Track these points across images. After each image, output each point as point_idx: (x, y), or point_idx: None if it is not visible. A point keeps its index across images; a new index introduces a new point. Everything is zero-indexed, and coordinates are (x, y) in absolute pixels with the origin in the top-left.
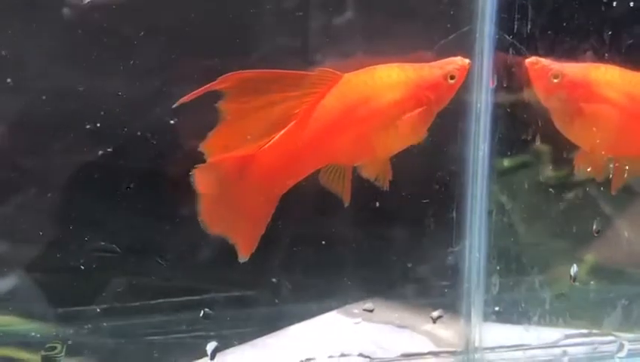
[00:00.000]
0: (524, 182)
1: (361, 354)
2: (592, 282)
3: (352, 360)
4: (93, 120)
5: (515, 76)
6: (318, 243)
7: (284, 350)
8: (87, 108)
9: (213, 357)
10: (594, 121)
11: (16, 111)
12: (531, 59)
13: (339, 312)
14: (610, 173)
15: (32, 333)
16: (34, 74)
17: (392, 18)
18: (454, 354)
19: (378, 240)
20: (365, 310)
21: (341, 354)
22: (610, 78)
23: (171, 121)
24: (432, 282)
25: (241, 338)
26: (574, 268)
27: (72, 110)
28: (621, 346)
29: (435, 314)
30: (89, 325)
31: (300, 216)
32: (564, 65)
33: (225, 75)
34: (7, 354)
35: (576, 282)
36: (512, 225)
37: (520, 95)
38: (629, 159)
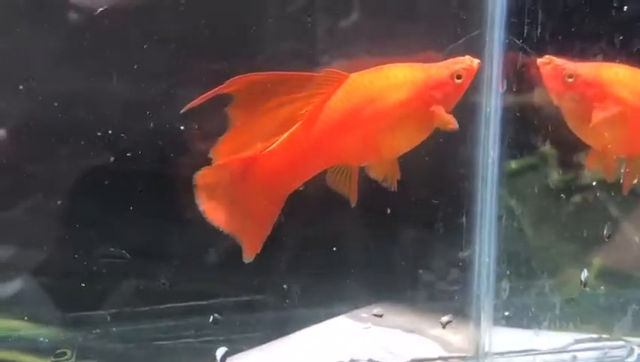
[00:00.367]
0: (532, 185)
1: (371, 360)
2: (602, 287)
3: None
4: (102, 125)
5: (525, 79)
6: (327, 248)
7: (293, 355)
8: (95, 113)
9: None
10: (607, 121)
11: (25, 116)
12: (544, 58)
13: (348, 317)
14: (621, 174)
15: (41, 338)
16: (42, 79)
17: (401, 22)
18: (464, 359)
19: (387, 244)
20: (375, 315)
21: (350, 359)
22: (623, 77)
23: (181, 127)
24: (442, 286)
25: (250, 343)
26: (585, 273)
27: (81, 115)
28: (631, 351)
29: (445, 319)
30: (98, 330)
31: (309, 221)
32: (577, 64)
33: (232, 79)
34: (16, 358)
35: (587, 287)
36: (522, 229)
37: (530, 98)
38: None
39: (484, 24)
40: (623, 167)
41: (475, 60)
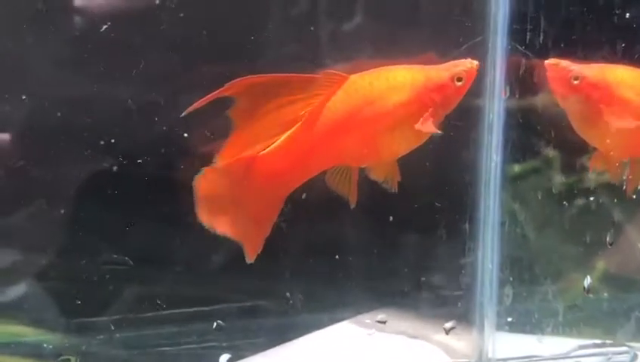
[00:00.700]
0: (535, 189)
1: None
2: (605, 294)
3: None
4: (105, 130)
5: (528, 84)
6: (330, 254)
7: (296, 361)
8: (98, 118)
9: None
10: (614, 123)
11: (28, 121)
12: (550, 60)
13: (351, 322)
14: (625, 176)
15: (45, 344)
16: (45, 84)
17: (404, 29)
18: None
19: (390, 250)
20: (378, 321)
21: None
22: (629, 79)
23: (185, 134)
24: (445, 293)
25: (253, 349)
26: (588, 280)
27: (84, 120)
28: (635, 356)
29: (448, 325)
30: (101, 336)
31: (312, 227)
32: (583, 66)
33: (232, 82)
34: None
35: (590, 293)
36: (525, 235)
37: (533, 103)
38: None
39: (486, 30)
40: (626, 171)
41: (475, 62)
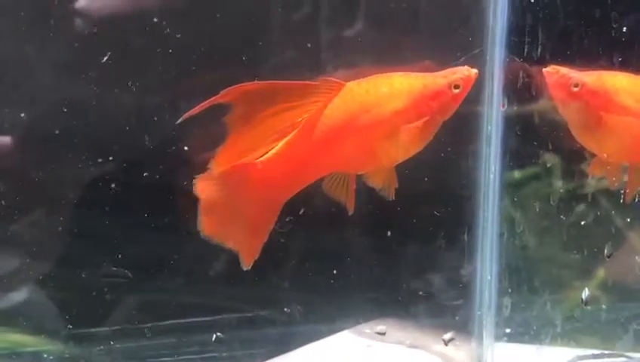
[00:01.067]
0: (534, 198)
1: None
2: (603, 305)
3: None
4: (104, 136)
5: (526, 94)
6: (329, 264)
7: None
8: (97, 124)
9: None
10: (613, 129)
11: (28, 127)
12: (549, 68)
13: (351, 332)
14: (624, 181)
15: (45, 355)
16: (43, 88)
17: (402, 41)
18: None
19: (390, 261)
20: (377, 333)
21: None
22: (628, 85)
23: (185, 143)
24: (444, 303)
25: (253, 360)
26: (586, 292)
27: (83, 126)
28: None
29: (447, 336)
30: (101, 346)
31: (312, 238)
32: (582, 73)
33: (229, 88)
34: None
35: (588, 305)
36: (524, 246)
37: (531, 114)
38: None
39: (485, 43)
40: (625, 177)
41: (473, 70)
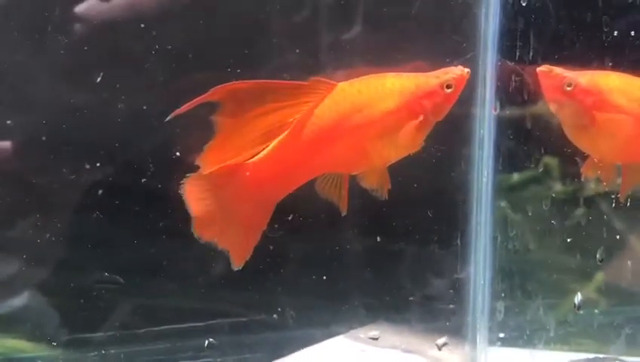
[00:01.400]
0: (527, 201)
1: None
2: (596, 311)
3: None
4: (103, 141)
5: (519, 98)
6: (323, 269)
7: None
8: (91, 129)
9: None
10: (606, 129)
11: (26, 132)
12: (543, 67)
13: (345, 337)
14: (618, 181)
15: (40, 360)
16: (42, 93)
17: (394, 46)
18: None
19: (383, 265)
20: (371, 338)
21: None
22: (621, 85)
23: (178, 153)
24: (438, 308)
25: None
26: (578, 297)
27: (81, 131)
28: None
29: (441, 341)
30: (96, 352)
31: (305, 242)
32: (576, 73)
33: (217, 87)
34: None
35: (580, 311)
36: (517, 250)
37: (524, 117)
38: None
39: (477, 47)
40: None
41: (466, 70)
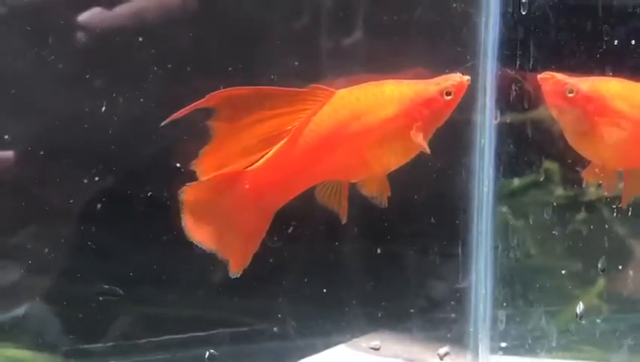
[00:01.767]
0: (528, 209)
1: None
2: (598, 320)
3: None
4: (106, 150)
5: (519, 107)
6: (324, 279)
7: None
8: (96, 138)
9: None
10: (608, 135)
11: (28, 140)
12: (544, 74)
13: (346, 346)
14: (620, 186)
15: None
16: (44, 102)
17: (394, 55)
18: None
19: (384, 275)
20: (372, 348)
21: None
22: (623, 91)
23: (177, 164)
24: (439, 317)
25: None
26: (580, 307)
27: (83, 140)
28: None
29: (443, 350)
30: None
31: (306, 251)
32: (577, 79)
33: (213, 93)
34: None
35: (582, 320)
36: (518, 259)
37: (524, 126)
38: None
39: (477, 56)
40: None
41: (465, 77)
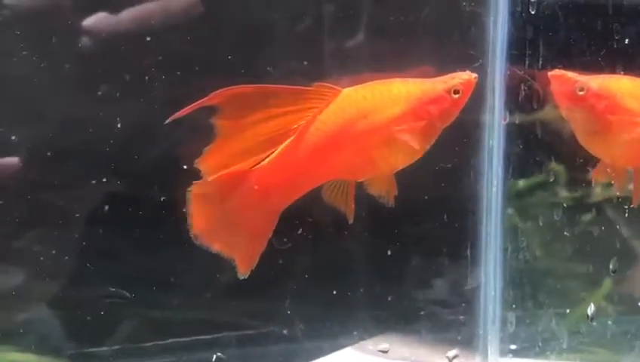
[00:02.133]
0: (538, 211)
1: None
2: (609, 321)
3: None
4: (111, 154)
5: (528, 107)
6: (331, 280)
7: None
8: (100, 142)
9: None
10: (619, 133)
11: (33, 145)
12: (555, 72)
13: (354, 349)
14: (630, 187)
15: None
16: (49, 106)
17: (402, 54)
18: None
19: (393, 277)
20: (380, 351)
21: None
22: (633, 89)
23: (184, 166)
24: (448, 319)
25: None
26: (591, 308)
27: (88, 145)
28: None
29: (452, 353)
30: None
31: (314, 254)
32: (588, 77)
33: (217, 91)
34: None
35: (594, 322)
36: (528, 260)
37: (533, 127)
38: None
39: (485, 55)
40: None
41: (473, 75)
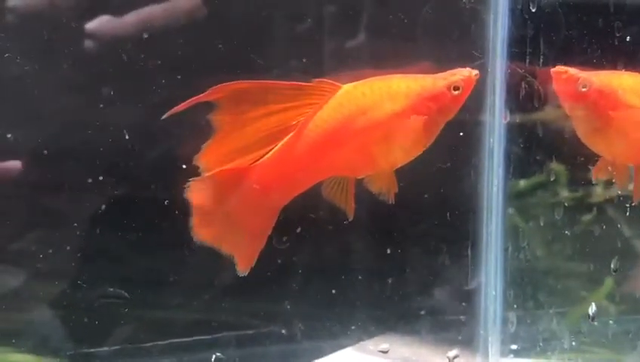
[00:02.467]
0: (539, 211)
1: None
2: (610, 320)
3: None
4: (111, 155)
5: (529, 106)
6: (331, 281)
7: None
8: (101, 144)
9: None
10: (620, 129)
11: (35, 148)
12: (557, 68)
13: (354, 349)
14: (630, 187)
15: None
16: (52, 109)
17: (402, 53)
18: None
19: (393, 277)
20: (380, 351)
21: None
22: (635, 85)
23: (183, 166)
24: (448, 319)
25: None
26: (593, 308)
27: (89, 146)
28: None
29: (452, 353)
30: None
31: (313, 254)
32: (590, 73)
33: (216, 86)
34: None
35: (595, 321)
36: (529, 260)
37: (534, 127)
38: None
39: (486, 54)
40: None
41: (474, 71)
